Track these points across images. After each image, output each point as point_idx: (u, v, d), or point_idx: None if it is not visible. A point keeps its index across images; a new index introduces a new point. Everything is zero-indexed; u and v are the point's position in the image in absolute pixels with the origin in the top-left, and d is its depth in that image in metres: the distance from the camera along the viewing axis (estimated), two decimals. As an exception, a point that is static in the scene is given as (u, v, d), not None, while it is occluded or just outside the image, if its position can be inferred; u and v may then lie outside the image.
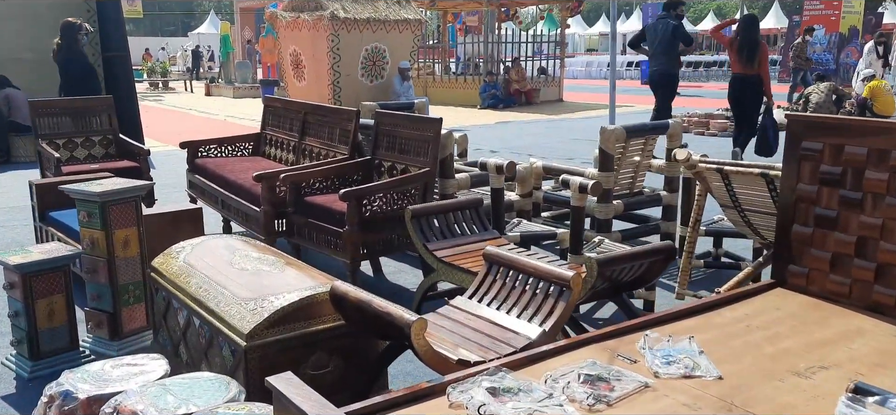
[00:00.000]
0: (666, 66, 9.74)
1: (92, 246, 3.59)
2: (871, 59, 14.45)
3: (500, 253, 3.08)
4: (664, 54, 9.64)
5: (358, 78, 14.19)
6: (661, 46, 9.62)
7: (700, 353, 2.39)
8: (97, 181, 3.75)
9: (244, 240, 3.57)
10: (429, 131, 4.47)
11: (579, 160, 9.79)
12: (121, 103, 6.99)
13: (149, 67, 28.75)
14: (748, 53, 8.68)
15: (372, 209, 4.19)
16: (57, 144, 5.95)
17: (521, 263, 2.97)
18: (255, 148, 6.21)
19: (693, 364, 2.34)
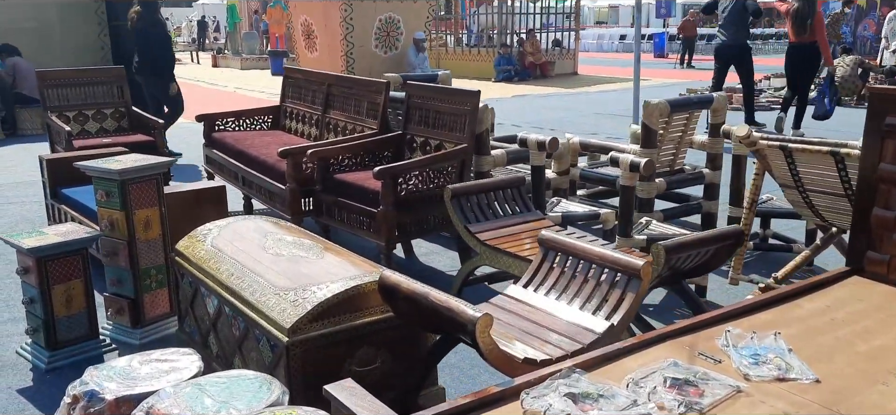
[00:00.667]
0: (735, 37, 9.66)
1: (111, 227, 3.34)
2: (893, 27, 14.01)
3: (557, 238, 2.82)
4: (733, 25, 9.55)
5: (372, 49, 13.85)
6: (730, 17, 9.53)
7: (789, 351, 2.16)
8: (115, 158, 3.49)
9: (274, 222, 3.31)
10: (466, 104, 4.20)
11: (604, 135, 9.49)
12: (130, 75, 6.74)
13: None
14: (804, 22, 8.88)
15: (407, 188, 3.93)
16: (67, 116, 5.69)
17: (582, 250, 2.71)
18: (274, 121, 5.94)
19: (785, 365, 2.11)
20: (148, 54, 7.65)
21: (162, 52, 7.80)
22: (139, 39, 7.74)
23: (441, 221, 4.12)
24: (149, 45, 7.69)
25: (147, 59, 7.63)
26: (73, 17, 10.29)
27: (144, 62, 7.64)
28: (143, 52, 7.68)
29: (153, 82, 7.77)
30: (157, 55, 7.70)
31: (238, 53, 23.99)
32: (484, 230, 3.62)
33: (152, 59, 7.64)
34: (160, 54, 7.74)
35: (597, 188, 5.47)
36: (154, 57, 7.66)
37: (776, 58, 25.79)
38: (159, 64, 7.71)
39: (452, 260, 4.58)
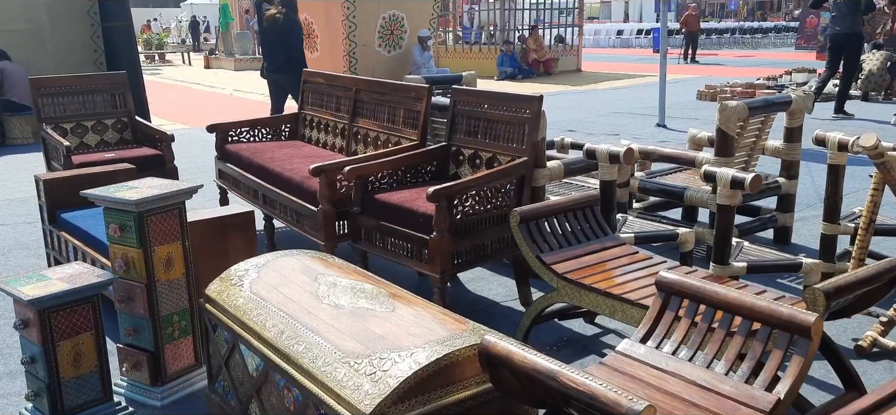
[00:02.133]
0: (851, 26, 9.98)
1: (126, 268, 2.80)
2: None
3: (683, 281, 2.30)
4: (850, 15, 9.86)
5: (375, 48, 13.31)
6: (846, 7, 9.82)
7: None
8: (127, 184, 2.94)
9: (321, 258, 2.78)
10: (524, 111, 3.67)
11: (629, 135, 8.99)
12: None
13: (145, 39, 27.67)
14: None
15: (463, 211, 3.40)
16: (64, 128, 5.12)
17: (722, 298, 2.18)
18: (292, 131, 5.39)
19: None
20: (284, 53, 7.78)
21: (299, 50, 8.02)
22: (277, 38, 7.78)
23: (499, 246, 3.60)
24: (286, 43, 7.80)
25: (284, 57, 7.77)
26: (65, 18, 9.69)
27: (282, 60, 7.77)
28: (280, 51, 7.79)
29: (290, 79, 7.65)
30: (294, 53, 7.87)
31: (231, 54, 23.35)
32: (560, 261, 3.09)
33: (289, 58, 7.78)
34: (297, 52, 7.94)
35: (654, 200, 4.97)
36: (292, 55, 7.83)
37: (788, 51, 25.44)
38: (295, 62, 7.77)
39: (506, 288, 4.05)
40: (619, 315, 2.77)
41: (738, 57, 25.28)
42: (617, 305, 2.77)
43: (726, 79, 15.43)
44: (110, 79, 5.42)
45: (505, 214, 3.59)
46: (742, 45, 32.47)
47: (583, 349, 3.32)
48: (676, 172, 4.96)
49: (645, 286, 2.84)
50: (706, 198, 4.25)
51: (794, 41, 30.37)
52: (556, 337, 3.42)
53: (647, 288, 2.82)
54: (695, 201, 4.32)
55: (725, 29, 34.36)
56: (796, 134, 4.50)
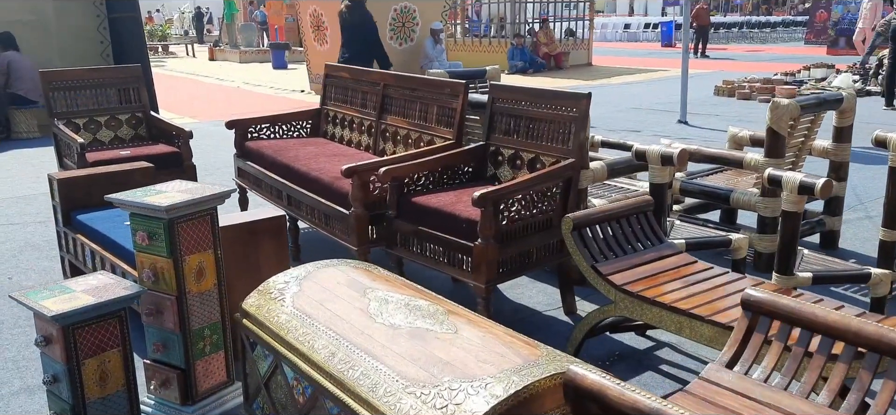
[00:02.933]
0: None
1: (155, 279, 2.59)
2: None
3: (775, 300, 2.08)
4: None
5: (386, 40, 13.02)
6: None
7: None
8: (155, 188, 2.73)
9: (367, 270, 2.57)
10: (571, 109, 3.46)
11: (649, 132, 8.79)
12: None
13: (149, 31, 27.41)
14: None
15: (509, 216, 3.19)
16: (76, 124, 4.90)
17: (823, 321, 1.97)
18: (314, 127, 5.18)
19: None
20: (358, 45, 8.32)
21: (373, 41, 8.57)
22: (350, 31, 8.40)
23: (544, 254, 3.39)
24: (359, 36, 8.37)
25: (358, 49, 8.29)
26: (70, 10, 9.46)
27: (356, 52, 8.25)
28: (354, 43, 8.36)
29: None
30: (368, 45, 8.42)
31: (236, 47, 23.12)
32: (616, 271, 2.89)
33: (361, 50, 8.29)
34: (372, 44, 8.50)
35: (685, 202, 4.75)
36: (364, 47, 8.36)
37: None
38: (370, 53, 8.37)
39: (547, 296, 3.84)
40: (686, 332, 2.56)
41: (747, 52, 25.03)
42: (684, 322, 2.57)
43: (742, 74, 15.19)
44: (124, 72, 5.21)
45: (550, 219, 3.38)
46: (750, 39, 32.18)
47: (638, 364, 3.11)
48: (716, 172, 4.76)
49: (713, 300, 2.64)
50: (754, 201, 4.04)
51: (802, 36, 30.10)
52: (608, 351, 3.22)
53: (716, 303, 2.62)
54: (741, 204, 4.11)
55: (733, 23, 34.07)
56: (846, 134, 4.28)
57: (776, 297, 2.08)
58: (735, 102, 11.72)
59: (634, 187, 4.25)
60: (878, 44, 14.67)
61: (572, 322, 3.53)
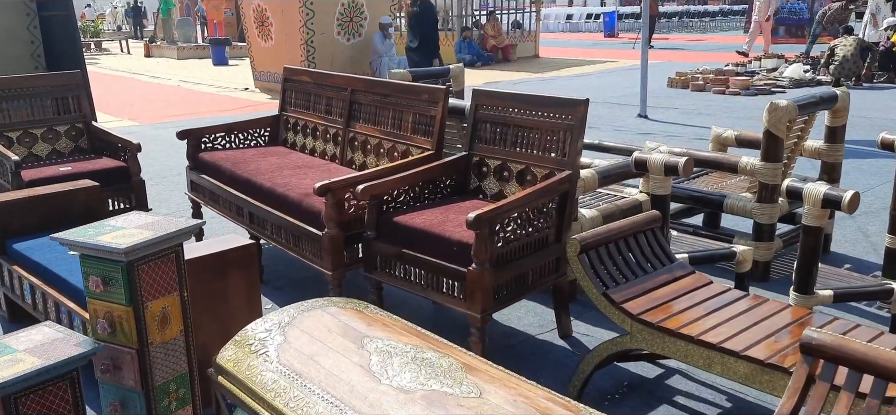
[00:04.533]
0: None
1: (111, 330, 2.22)
2: (879, 4, 13.56)
3: (844, 346, 1.85)
4: None
5: (333, 36, 12.64)
6: None
7: None
8: (110, 223, 2.35)
9: (357, 310, 2.26)
10: (566, 117, 3.19)
11: (610, 127, 8.63)
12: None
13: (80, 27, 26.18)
14: None
15: (505, 237, 2.91)
16: (9, 138, 4.41)
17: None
18: (272, 135, 4.80)
19: None
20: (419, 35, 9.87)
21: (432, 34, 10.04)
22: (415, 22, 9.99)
23: (539, 275, 3.12)
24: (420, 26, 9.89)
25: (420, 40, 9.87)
26: (-5, 6, 8.76)
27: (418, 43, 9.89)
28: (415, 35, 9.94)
29: (422, 60, 9.89)
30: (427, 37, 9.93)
31: (173, 42, 22.24)
32: (630, 298, 2.64)
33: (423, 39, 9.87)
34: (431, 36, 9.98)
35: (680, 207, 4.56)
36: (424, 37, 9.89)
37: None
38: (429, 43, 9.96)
39: (539, 317, 3.58)
40: (718, 369, 2.33)
41: (689, 41, 25.34)
42: (715, 357, 2.33)
43: (690, 64, 15.26)
44: (61, 79, 4.72)
45: (546, 237, 3.12)
46: (689, 28, 32.66)
47: (649, 395, 2.87)
48: (702, 174, 4.57)
49: (743, 331, 2.41)
50: (749, 206, 3.86)
51: (741, 24, 30.68)
52: (616, 381, 2.97)
53: (746, 334, 2.39)
54: (736, 210, 3.93)
55: (672, 12, 34.54)
56: (840, 133, 4.14)
57: (844, 341, 1.84)
58: (690, 94, 11.71)
59: (622, 194, 4.02)
60: (818, 33, 14.94)
61: (569, 347, 3.27)
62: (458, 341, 3.21)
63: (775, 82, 11.91)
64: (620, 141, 6.66)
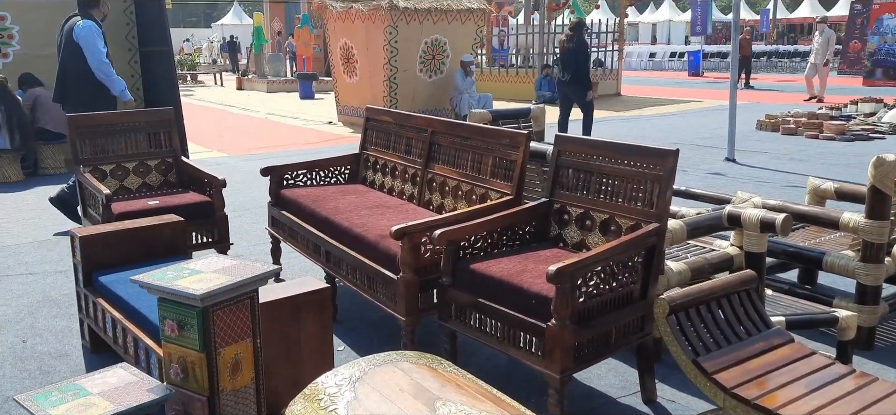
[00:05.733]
0: None
1: (184, 375, 2.21)
2: None
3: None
4: None
5: (416, 73, 12.78)
6: None
7: None
8: (188, 266, 2.35)
9: (429, 366, 2.17)
10: (655, 167, 3.05)
11: (699, 173, 8.33)
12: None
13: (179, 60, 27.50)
14: None
15: (587, 291, 2.77)
16: (103, 171, 4.57)
17: None
18: (352, 173, 4.81)
19: None
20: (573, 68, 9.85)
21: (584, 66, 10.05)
22: (569, 56, 9.90)
23: (623, 334, 2.96)
24: (574, 60, 9.85)
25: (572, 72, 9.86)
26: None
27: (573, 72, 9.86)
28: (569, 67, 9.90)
29: (576, 90, 10.02)
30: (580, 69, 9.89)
31: (264, 76, 23.02)
32: (722, 367, 2.45)
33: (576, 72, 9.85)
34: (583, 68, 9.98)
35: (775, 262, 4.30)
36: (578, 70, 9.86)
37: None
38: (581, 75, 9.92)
39: (620, 377, 3.41)
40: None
41: (778, 82, 24.45)
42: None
43: (780, 106, 14.71)
44: (155, 116, 4.88)
45: (631, 293, 2.96)
46: (779, 69, 31.59)
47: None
48: (797, 228, 4.31)
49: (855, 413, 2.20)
50: (852, 266, 3.60)
51: (834, 66, 29.50)
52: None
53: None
54: (837, 269, 3.66)
55: (761, 53, 33.49)
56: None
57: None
58: (780, 138, 11.24)
59: (712, 246, 3.82)
60: None
61: (654, 413, 3.09)
62: (534, 399, 3.12)
63: (873, 127, 11.30)
64: (708, 187, 6.43)
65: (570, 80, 9.95)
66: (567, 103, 10.33)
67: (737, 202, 3.55)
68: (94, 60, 5.72)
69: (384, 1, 11.96)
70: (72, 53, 5.81)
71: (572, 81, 9.93)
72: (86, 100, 5.74)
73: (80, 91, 5.85)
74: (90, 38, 5.72)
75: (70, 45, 5.83)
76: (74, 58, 5.80)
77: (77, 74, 5.85)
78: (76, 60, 5.80)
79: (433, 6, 12.49)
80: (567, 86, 10.08)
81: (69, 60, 5.85)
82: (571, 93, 10.14)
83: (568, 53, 9.93)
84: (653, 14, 48.57)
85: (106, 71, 5.81)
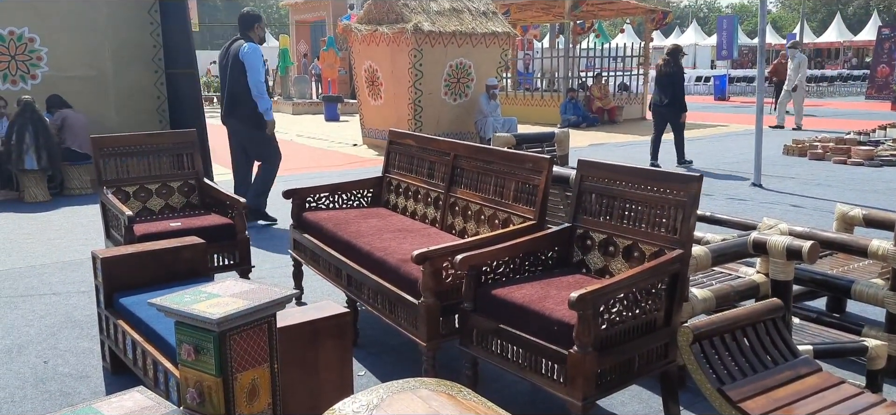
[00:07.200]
0: None
1: (200, 400, 2.19)
2: None
3: None
4: None
5: (440, 96, 12.81)
6: None
7: None
8: (206, 289, 2.35)
9: (448, 393, 2.13)
10: (679, 193, 3.00)
11: (723, 196, 8.22)
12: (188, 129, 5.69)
13: (205, 82, 27.85)
14: None
15: (609, 318, 2.72)
16: (126, 192, 4.61)
17: None
18: (375, 196, 4.81)
19: None
20: (671, 92, 10.31)
21: (679, 91, 10.40)
22: (667, 80, 10.36)
23: (646, 361, 2.90)
24: (672, 83, 10.32)
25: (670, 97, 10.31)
26: (129, 64, 9.40)
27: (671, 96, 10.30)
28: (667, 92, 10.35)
29: (670, 114, 10.43)
30: (676, 93, 10.33)
31: (289, 98, 23.23)
32: (748, 396, 2.39)
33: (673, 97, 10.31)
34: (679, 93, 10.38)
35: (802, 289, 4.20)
36: (675, 95, 10.31)
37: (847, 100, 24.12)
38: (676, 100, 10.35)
39: (643, 404, 3.35)
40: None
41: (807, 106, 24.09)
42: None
43: (809, 132, 14.52)
44: (178, 137, 4.92)
45: (654, 320, 2.90)
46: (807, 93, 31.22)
47: None
48: (824, 255, 4.22)
49: (883, 445, 2.12)
50: (881, 294, 3.50)
51: (861, 90, 29.10)
52: (731, 486, 2.69)
53: (887, 449, 2.10)
54: (866, 298, 3.56)
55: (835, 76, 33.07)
56: None
57: None
58: (807, 163, 11.08)
59: (738, 273, 3.75)
60: None
61: (678, 440, 3.01)
62: (556, 432, 3.07)
63: (904, 152, 11.10)
64: (734, 212, 6.33)
65: (668, 103, 10.34)
66: (662, 125, 10.61)
67: (762, 229, 3.48)
68: (254, 78, 6.39)
69: (409, 24, 12.02)
70: (240, 73, 6.44)
71: (670, 104, 10.33)
72: (250, 114, 6.51)
73: (246, 104, 6.49)
74: (254, 58, 6.42)
75: (237, 65, 6.46)
76: (242, 76, 6.44)
77: (243, 90, 6.49)
78: (243, 78, 6.44)
79: (458, 30, 12.54)
80: (665, 108, 10.40)
81: (237, 79, 6.48)
82: (669, 115, 10.44)
83: (666, 77, 10.35)
84: (678, 38, 48.40)
85: (261, 89, 6.51)
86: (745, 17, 54.64)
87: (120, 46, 9.36)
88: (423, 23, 12.07)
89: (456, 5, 13.10)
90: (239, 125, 6.73)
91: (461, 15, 12.88)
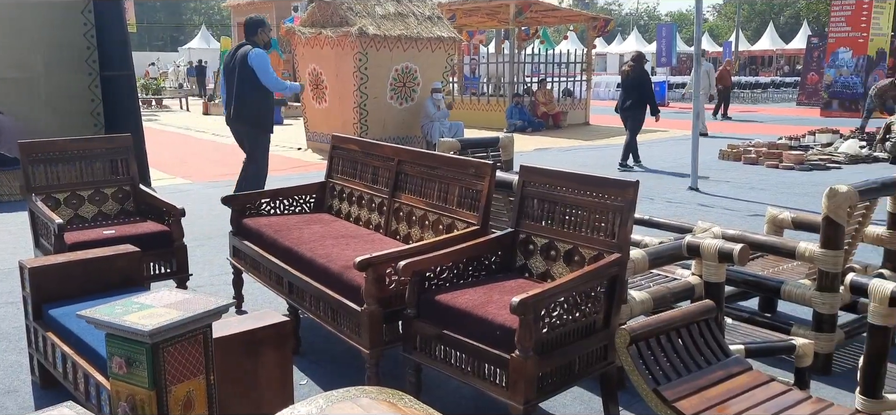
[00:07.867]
0: None
1: (133, 413, 2.13)
2: None
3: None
4: None
5: (386, 100, 12.76)
6: None
7: None
8: (137, 300, 2.28)
9: (390, 402, 2.12)
10: (615, 198, 3.05)
11: (662, 199, 8.40)
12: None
13: (143, 84, 27.15)
14: None
15: (550, 322, 2.75)
16: (57, 199, 4.45)
17: None
18: (318, 201, 4.76)
19: None
20: (636, 95, 10.89)
21: (647, 94, 11.03)
22: (629, 84, 11.00)
23: (585, 363, 2.94)
24: (637, 87, 10.90)
25: (635, 99, 10.89)
26: (62, 67, 9.07)
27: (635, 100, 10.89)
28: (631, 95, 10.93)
29: (633, 114, 11.00)
30: (642, 96, 10.92)
31: (231, 101, 22.79)
32: (682, 395, 2.44)
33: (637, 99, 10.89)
34: (646, 96, 10.99)
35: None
36: (638, 98, 10.88)
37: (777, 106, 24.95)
38: (639, 103, 10.93)
39: (584, 405, 3.39)
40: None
41: (740, 112, 24.83)
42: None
43: (743, 137, 14.95)
44: (112, 142, 4.77)
45: (594, 323, 2.95)
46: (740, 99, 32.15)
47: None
48: (755, 257, 4.34)
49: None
50: (808, 294, 3.63)
51: (793, 97, 30.13)
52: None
53: (815, 446, 2.17)
54: (795, 298, 3.69)
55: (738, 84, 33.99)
56: (908, 220, 3.89)
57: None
58: (742, 167, 11.42)
59: (675, 275, 3.83)
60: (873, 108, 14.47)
61: (618, 442, 3.06)
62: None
63: (830, 157, 11.54)
64: (672, 215, 6.48)
65: (630, 104, 10.91)
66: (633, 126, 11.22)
67: (697, 232, 3.57)
68: (270, 81, 6.76)
69: (354, 28, 11.95)
70: (248, 77, 6.68)
71: (632, 107, 10.90)
72: (260, 115, 6.86)
73: (253, 107, 6.79)
74: (263, 63, 6.70)
75: (245, 70, 6.70)
76: (250, 80, 6.68)
77: (252, 93, 6.72)
78: (252, 82, 6.68)
79: (403, 34, 12.52)
80: (628, 110, 10.97)
81: (246, 83, 6.71)
82: (629, 116, 11.01)
83: (631, 81, 10.95)
84: (620, 45, 49.36)
85: (280, 85, 7.11)
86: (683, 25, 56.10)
87: (52, 48, 9.04)
88: (367, 26, 12.02)
89: (401, 9, 13.08)
90: (244, 127, 6.95)
91: (406, 19, 12.86)
